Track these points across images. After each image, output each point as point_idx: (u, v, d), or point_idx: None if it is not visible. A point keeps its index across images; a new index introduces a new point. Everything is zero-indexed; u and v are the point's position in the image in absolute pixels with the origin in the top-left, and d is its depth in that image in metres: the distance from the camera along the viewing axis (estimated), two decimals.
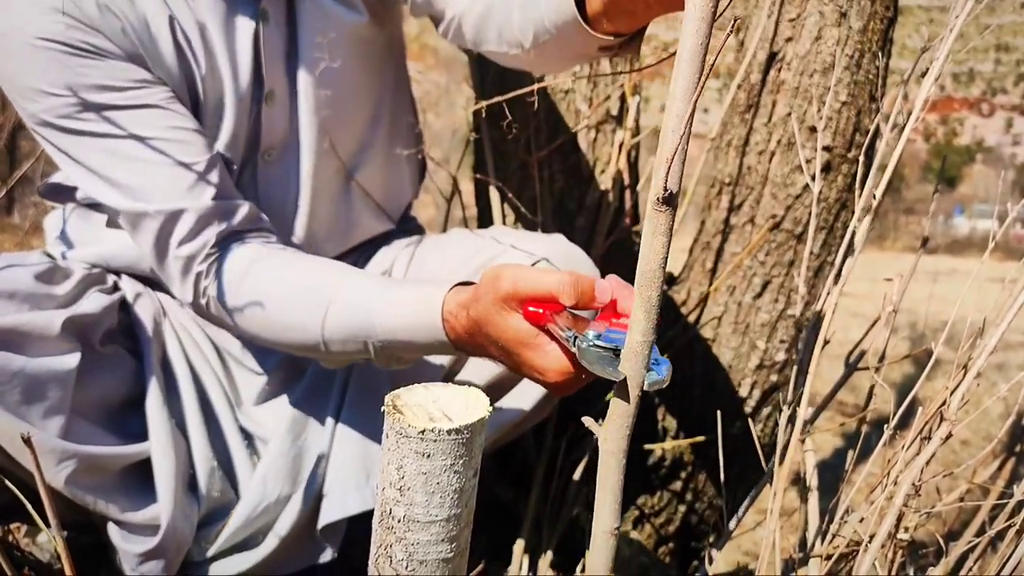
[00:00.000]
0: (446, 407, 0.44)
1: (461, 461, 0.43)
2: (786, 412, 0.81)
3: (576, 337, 0.57)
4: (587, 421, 0.49)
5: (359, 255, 1.07)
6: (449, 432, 0.42)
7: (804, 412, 0.77)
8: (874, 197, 0.71)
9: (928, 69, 0.73)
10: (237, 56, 0.86)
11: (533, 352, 0.64)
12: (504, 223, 1.21)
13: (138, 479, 0.86)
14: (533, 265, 0.90)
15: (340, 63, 0.92)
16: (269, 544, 0.92)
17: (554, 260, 0.91)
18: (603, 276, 0.66)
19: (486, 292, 0.65)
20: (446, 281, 0.72)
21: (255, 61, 0.87)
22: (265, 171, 0.92)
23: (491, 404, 0.48)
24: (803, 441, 0.76)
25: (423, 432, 0.41)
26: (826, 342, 0.78)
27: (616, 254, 1.26)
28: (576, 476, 1.14)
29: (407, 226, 1.14)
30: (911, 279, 0.78)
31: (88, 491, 0.80)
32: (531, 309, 0.64)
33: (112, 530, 0.84)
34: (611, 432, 0.48)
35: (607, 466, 0.48)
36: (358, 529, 0.95)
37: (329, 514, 0.92)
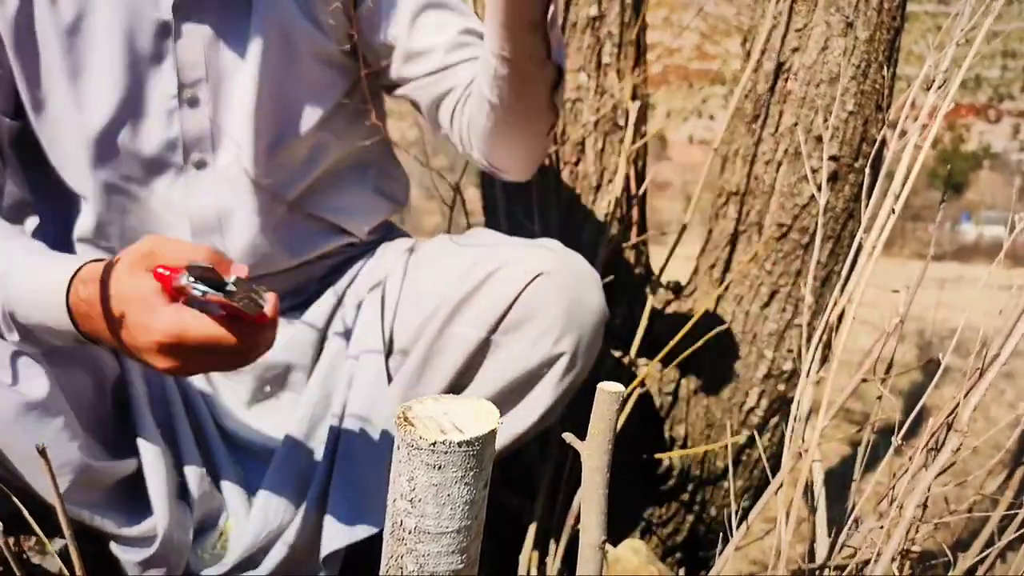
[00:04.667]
0: (456, 419, 0.44)
1: (472, 473, 0.43)
2: (793, 422, 0.81)
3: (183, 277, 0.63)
4: (568, 437, 0.49)
5: (340, 266, 1.04)
6: (460, 444, 0.42)
7: (811, 422, 0.77)
8: (893, 211, 0.71)
9: (935, 80, 0.73)
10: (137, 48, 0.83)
11: (142, 308, 0.65)
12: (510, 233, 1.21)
13: (129, 495, 0.86)
14: (532, 280, 0.90)
15: (283, 72, 0.89)
16: (267, 566, 0.91)
17: (555, 274, 0.90)
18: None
19: (123, 256, 0.67)
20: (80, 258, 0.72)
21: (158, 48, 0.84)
22: (196, 178, 0.90)
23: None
24: (810, 451, 0.76)
25: (434, 444, 0.42)
26: (827, 350, 0.78)
27: (622, 263, 1.27)
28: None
29: (391, 236, 1.10)
30: (918, 288, 0.78)
31: (84, 507, 0.81)
32: (160, 271, 0.65)
33: (111, 543, 0.85)
34: (593, 448, 0.48)
35: (591, 482, 0.49)
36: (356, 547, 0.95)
37: (333, 542, 0.91)
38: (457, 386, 0.96)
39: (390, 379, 0.97)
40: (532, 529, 1.10)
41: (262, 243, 0.94)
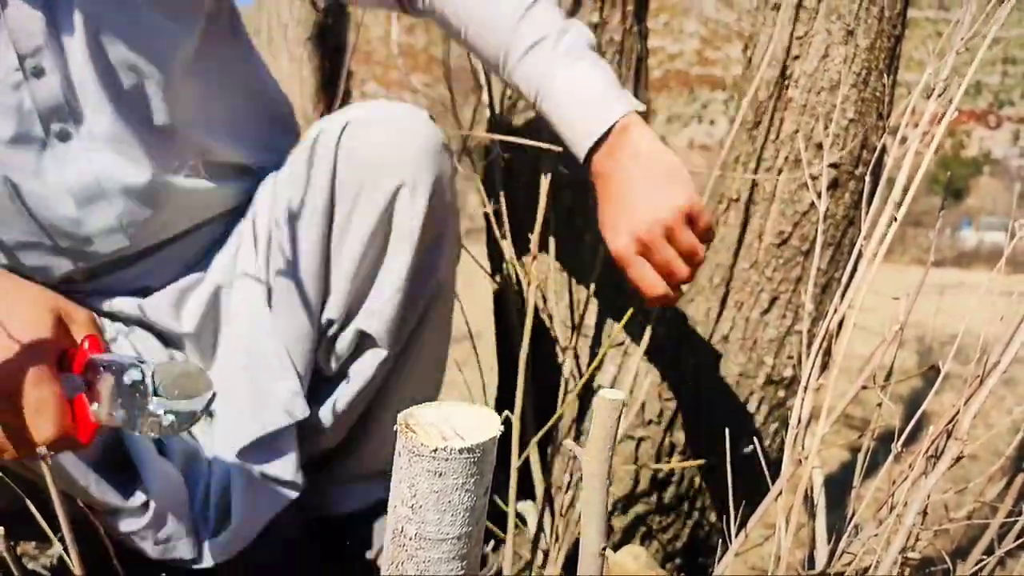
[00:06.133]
0: (458, 426, 0.44)
1: (473, 480, 0.43)
2: (793, 428, 0.81)
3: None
4: (569, 444, 0.49)
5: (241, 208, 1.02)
6: (461, 451, 0.42)
7: (811, 429, 0.77)
8: (895, 219, 0.71)
9: (936, 87, 0.74)
10: None
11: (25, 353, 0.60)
12: (507, 236, 1.21)
13: (118, 472, 0.87)
14: (342, 132, 0.91)
15: (121, 24, 0.85)
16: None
17: (361, 120, 0.91)
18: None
19: (28, 296, 0.65)
20: None
21: None
22: (64, 149, 0.85)
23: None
24: (809, 458, 0.76)
25: (435, 451, 0.42)
26: (827, 357, 0.78)
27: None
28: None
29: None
30: (919, 294, 0.78)
31: (83, 471, 0.81)
32: (84, 345, 0.63)
33: (117, 523, 0.85)
34: (593, 455, 0.48)
35: (591, 488, 0.49)
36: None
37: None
38: (332, 258, 0.95)
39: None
40: (510, 532, 1.10)
41: (148, 202, 0.91)
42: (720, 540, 1.22)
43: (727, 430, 0.94)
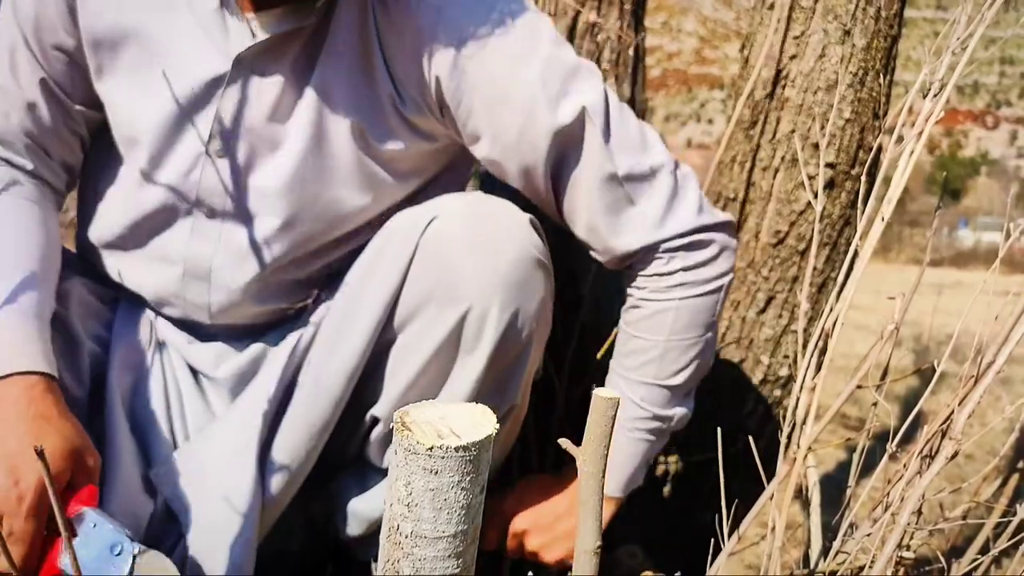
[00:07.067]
0: (454, 424, 0.44)
1: (468, 478, 0.43)
2: (788, 428, 0.81)
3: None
4: (564, 443, 0.50)
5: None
6: (457, 449, 0.42)
7: (807, 428, 0.77)
8: (883, 219, 0.71)
9: (932, 86, 0.74)
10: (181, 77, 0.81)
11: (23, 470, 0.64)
12: None
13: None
14: (426, 227, 0.81)
15: (319, 165, 0.84)
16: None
17: (450, 216, 0.81)
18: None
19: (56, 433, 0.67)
20: None
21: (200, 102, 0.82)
22: (203, 224, 0.87)
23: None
24: (805, 457, 0.76)
25: (431, 449, 0.42)
26: (823, 356, 0.78)
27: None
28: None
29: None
30: (915, 294, 0.78)
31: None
32: (80, 502, 0.66)
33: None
34: (589, 454, 0.48)
35: (587, 487, 0.49)
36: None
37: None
38: (389, 363, 0.86)
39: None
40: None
41: (243, 300, 0.90)
42: (714, 539, 1.23)
43: (721, 429, 0.94)
